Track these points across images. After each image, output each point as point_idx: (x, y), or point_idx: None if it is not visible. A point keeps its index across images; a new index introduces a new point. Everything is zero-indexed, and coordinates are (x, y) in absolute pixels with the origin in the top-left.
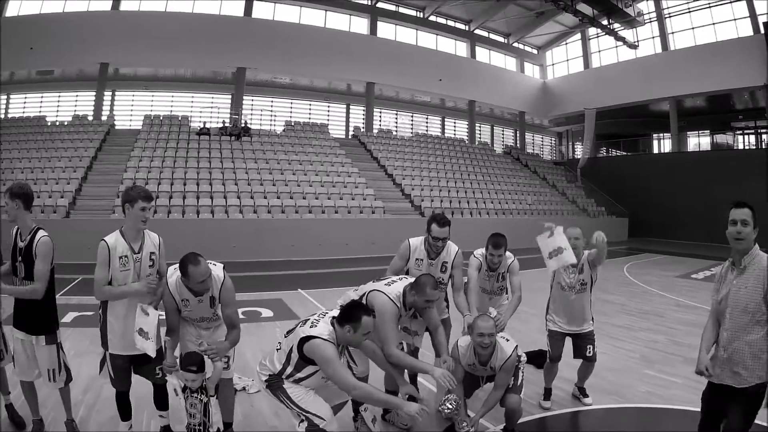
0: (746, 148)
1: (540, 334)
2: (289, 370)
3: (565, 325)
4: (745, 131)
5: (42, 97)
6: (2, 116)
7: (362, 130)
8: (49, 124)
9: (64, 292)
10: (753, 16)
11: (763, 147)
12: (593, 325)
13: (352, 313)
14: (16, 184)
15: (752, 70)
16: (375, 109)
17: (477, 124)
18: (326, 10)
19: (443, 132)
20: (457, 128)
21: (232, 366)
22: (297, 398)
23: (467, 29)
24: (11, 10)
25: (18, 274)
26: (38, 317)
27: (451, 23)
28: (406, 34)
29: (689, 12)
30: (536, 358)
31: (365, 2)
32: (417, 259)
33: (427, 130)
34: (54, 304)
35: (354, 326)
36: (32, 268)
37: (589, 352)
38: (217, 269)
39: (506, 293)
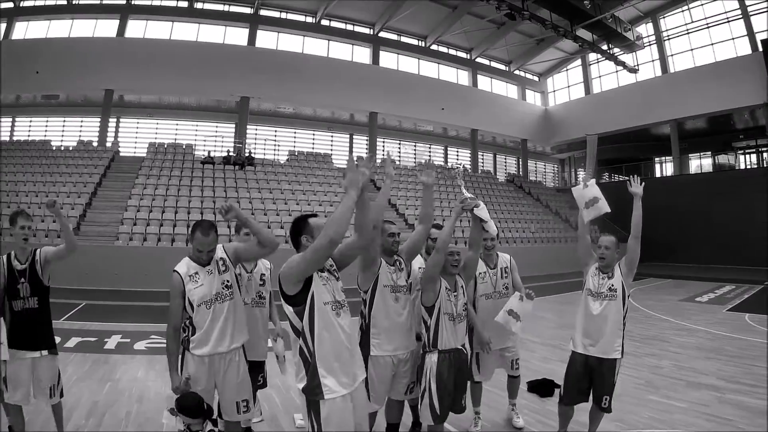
0: (748, 167)
1: (543, 363)
2: (307, 338)
3: (588, 344)
4: (746, 150)
5: (47, 121)
6: (4, 139)
7: (366, 154)
8: (54, 148)
9: (67, 317)
10: (751, 34)
11: (765, 165)
12: (622, 354)
13: (297, 227)
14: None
15: (752, 88)
16: (378, 139)
17: (480, 153)
18: (329, 40)
19: (446, 161)
20: (460, 157)
21: (253, 409)
22: (324, 422)
23: (469, 57)
24: (18, 33)
25: (22, 295)
26: (43, 330)
27: (452, 52)
28: (408, 63)
29: (688, 33)
30: (540, 387)
31: (367, 32)
32: (419, 268)
33: (430, 160)
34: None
35: (307, 233)
36: (39, 286)
37: (605, 403)
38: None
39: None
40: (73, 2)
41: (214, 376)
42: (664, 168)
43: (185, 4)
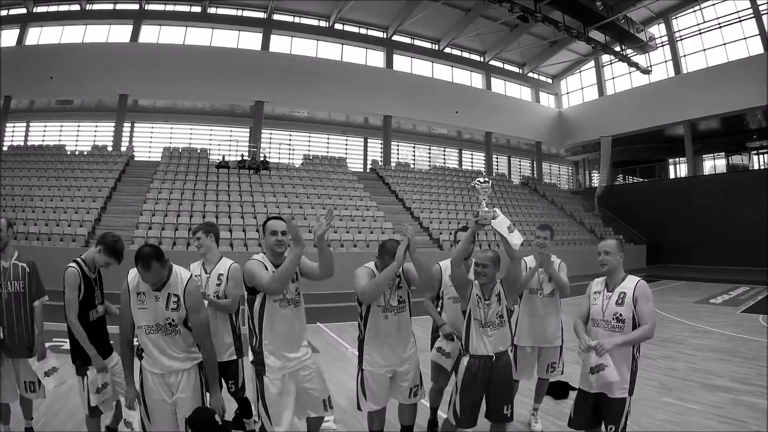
0: (762, 167)
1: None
2: (255, 323)
3: (594, 381)
4: (760, 151)
5: (61, 126)
6: (19, 143)
7: (380, 163)
8: (68, 153)
9: None
10: (763, 33)
11: None
12: (630, 393)
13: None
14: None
15: (764, 88)
16: (392, 142)
17: (494, 156)
18: (342, 44)
19: (461, 164)
20: (475, 160)
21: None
22: (266, 395)
23: (482, 60)
24: (31, 39)
25: (97, 303)
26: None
27: (466, 55)
28: (421, 67)
29: (700, 33)
30: (554, 389)
31: (381, 35)
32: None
33: (444, 163)
34: None
35: (264, 232)
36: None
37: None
38: (182, 269)
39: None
40: (87, 8)
41: (170, 388)
42: (678, 169)
43: (198, 9)
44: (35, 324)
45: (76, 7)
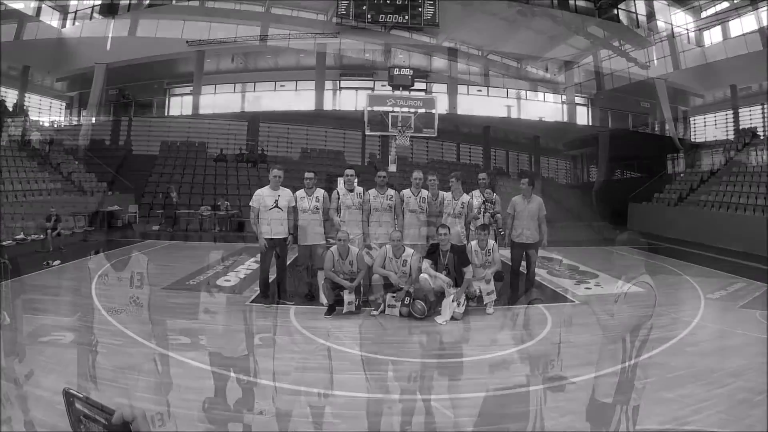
0: (760, 164)
1: None
2: None
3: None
4: (759, 147)
5: (60, 120)
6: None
7: (378, 157)
8: (66, 147)
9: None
10: (762, 30)
11: None
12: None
13: None
14: None
15: (763, 86)
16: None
17: (492, 150)
18: (341, 38)
19: (459, 158)
20: (473, 154)
21: None
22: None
23: (480, 54)
24: (29, 33)
25: None
26: None
27: (464, 49)
28: (419, 60)
29: (699, 30)
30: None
31: (380, 30)
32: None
33: (443, 157)
34: None
35: None
36: None
37: None
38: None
39: None
40: (84, 2)
41: None
42: (677, 165)
43: (197, 4)
44: None
45: (73, 2)
